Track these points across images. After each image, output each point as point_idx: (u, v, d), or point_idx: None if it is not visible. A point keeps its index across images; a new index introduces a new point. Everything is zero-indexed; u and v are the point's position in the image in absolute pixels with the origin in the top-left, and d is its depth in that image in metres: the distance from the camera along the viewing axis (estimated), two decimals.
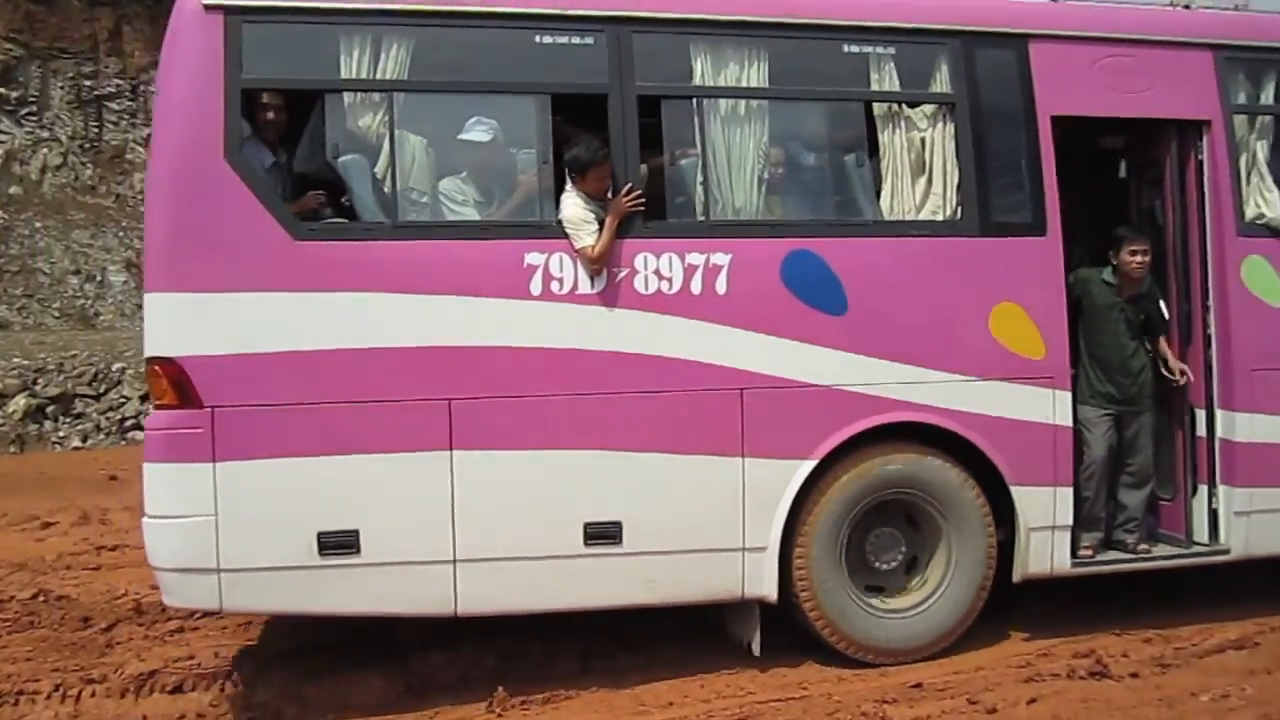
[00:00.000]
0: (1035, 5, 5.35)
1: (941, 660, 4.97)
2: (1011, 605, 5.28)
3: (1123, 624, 5.34)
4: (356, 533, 4.36)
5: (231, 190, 4.30)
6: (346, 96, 4.57)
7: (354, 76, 4.50)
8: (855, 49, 4.98)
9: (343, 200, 4.58)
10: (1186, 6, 5.65)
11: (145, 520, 4.35)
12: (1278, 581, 5.57)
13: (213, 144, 4.30)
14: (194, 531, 4.24)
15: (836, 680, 4.78)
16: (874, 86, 4.99)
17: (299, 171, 4.63)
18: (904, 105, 5.01)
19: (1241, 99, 5.39)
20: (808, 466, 4.76)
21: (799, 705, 4.48)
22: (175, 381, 4.24)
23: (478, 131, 4.70)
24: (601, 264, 4.53)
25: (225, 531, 4.26)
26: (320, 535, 4.33)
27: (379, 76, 4.51)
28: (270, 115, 4.56)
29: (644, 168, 4.77)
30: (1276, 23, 5.61)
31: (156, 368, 4.28)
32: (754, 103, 4.87)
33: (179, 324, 4.30)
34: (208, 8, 4.34)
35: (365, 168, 4.56)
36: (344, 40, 4.50)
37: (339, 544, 4.34)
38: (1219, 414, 5.30)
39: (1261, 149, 5.37)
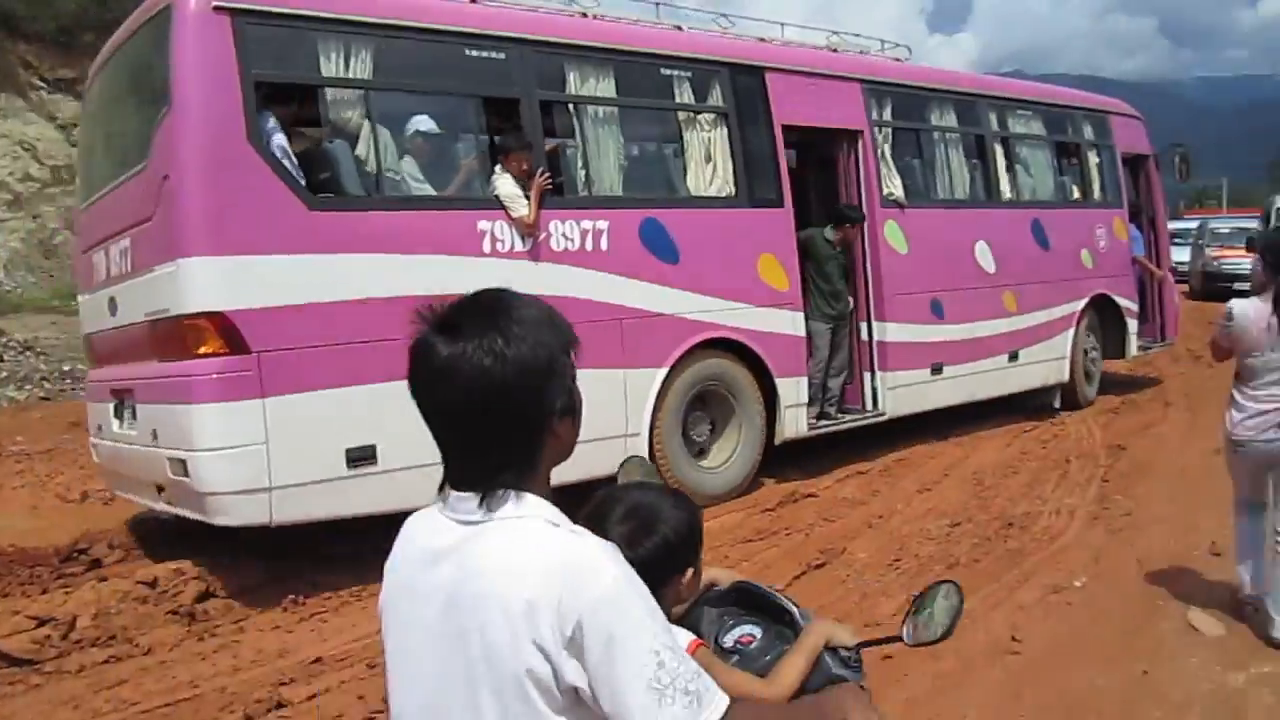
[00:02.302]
0: (769, 46, 7.73)
1: (344, 632, 4.92)
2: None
3: None
4: (375, 446, 5.42)
5: (255, 169, 5.11)
6: (332, 90, 5.50)
7: (332, 74, 5.48)
8: (667, 71, 6.91)
9: (322, 177, 5.50)
10: (834, 50, 8.37)
11: (199, 454, 5.02)
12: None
13: (235, 129, 5.07)
14: (249, 458, 5.05)
15: (232, 672, 4.49)
16: (678, 99, 6.97)
17: (297, 152, 5.45)
18: (697, 114, 7.04)
19: (875, 115, 8.19)
20: (663, 372, 6.67)
21: (189, 706, 4.16)
22: (224, 332, 4.99)
23: (425, 123, 5.89)
24: (535, 230, 5.99)
25: (274, 455, 5.12)
26: (348, 451, 5.34)
27: (352, 76, 5.52)
28: (282, 103, 5.32)
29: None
30: (893, 66, 8.57)
31: (202, 321, 4.97)
32: (609, 108, 6.59)
33: (223, 282, 5.02)
34: (217, 9, 5.06)
35: (349, 151, 5.55)
36: (322, 43, 5.44)
37: (362, 457, 5.38)
38: (875, 324, 8.12)
39: (889, 149, 8.23)
